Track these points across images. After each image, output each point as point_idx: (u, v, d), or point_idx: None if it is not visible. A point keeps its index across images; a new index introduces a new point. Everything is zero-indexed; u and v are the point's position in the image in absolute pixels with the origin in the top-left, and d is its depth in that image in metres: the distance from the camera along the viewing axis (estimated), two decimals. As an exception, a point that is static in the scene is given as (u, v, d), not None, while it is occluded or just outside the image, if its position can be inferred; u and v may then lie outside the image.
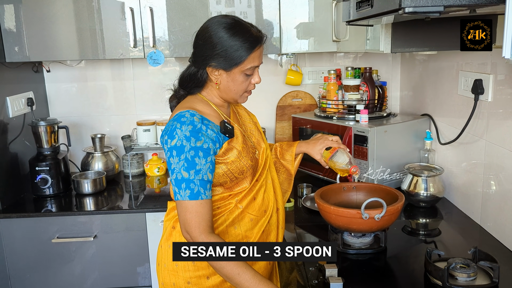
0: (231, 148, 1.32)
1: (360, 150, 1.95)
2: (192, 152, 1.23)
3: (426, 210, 1.84)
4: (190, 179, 1.23)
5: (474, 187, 1.69)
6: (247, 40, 1.28)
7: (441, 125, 1.97)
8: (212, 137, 1.28)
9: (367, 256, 1.46)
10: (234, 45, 1.28)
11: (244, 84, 1.34)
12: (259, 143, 1.46)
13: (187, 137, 1.24)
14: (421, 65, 2.21)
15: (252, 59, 1.31)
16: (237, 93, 1.36)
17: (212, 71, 1.32)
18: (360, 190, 1.63)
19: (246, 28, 1.31)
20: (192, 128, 1.25)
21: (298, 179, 2.33)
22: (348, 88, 2.14)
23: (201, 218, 1.22)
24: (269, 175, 1.47)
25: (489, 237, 1.56)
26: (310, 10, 2.19)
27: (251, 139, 1.44)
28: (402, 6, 0.91)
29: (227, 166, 1.31)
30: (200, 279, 1.34)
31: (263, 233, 1.40)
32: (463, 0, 0.89)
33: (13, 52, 2.11)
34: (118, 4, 2.11)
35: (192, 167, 1.23)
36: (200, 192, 1.23)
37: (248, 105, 2.60)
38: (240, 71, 1.31)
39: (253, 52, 1.30)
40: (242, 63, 1.29)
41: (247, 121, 1.51)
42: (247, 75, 1.33)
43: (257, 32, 1.33)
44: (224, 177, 1.32)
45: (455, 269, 1.24)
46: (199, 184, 1.23)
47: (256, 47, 1.30)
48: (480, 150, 1.63)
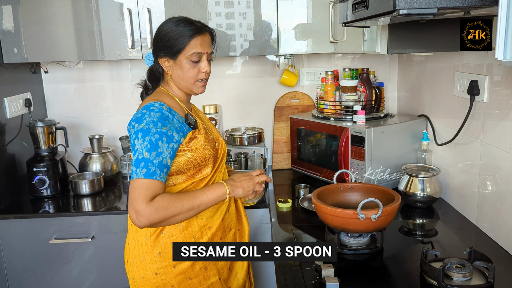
0: (195, 137, 1.42)
1: (357, 150, 1.95)
2: (157, 135, 1.32)
3: (422, 211, 1.84)
4: (150, 159, 1.30)
5: (470, 187, 1.70)
6: (189, 29, 1.42)
7: (437, 126, 1.98)
8: (177, 126, 1.37)
9: (364, 256, 1.46)
10: (177, 33, 1.41)
11: (192, 71, 1.45)
12: (217, 138, 1.57)
13: (155, 122, 1.33)
14: (418, 66, 2.21)
15: (194, 45, 1.42)
16: (188, 81, 1.46)
17: (163, 62, 1.45)
18: (356, 191, 1.63)
19: (191, 21, 1.45)
20: (160, 115, 1.35)
21: (295, 179, 2.34)
22: (346, 89, 2.15)
23: (149, 191, 1.27)
24: (225, 169, 1.59)
25: (485, 237, 1.57)
26: (308, 12, 2.20)
27: (211, 132, 1.55)
28: (396, 8, 0.92)
29: (191, 153, 1.41)
30: (167, 268, 1.41)
31: (223, 220, 1.50)
32: (456, 2, 0.90)
33: (11, 53, 2.12)
34: (116, 5, 2.12)
35: (154, 149, 1.31)
36: (156, 173, 1.30)
37: (246, 106, 2.61)
38: (185, 57, 1.42)
39: (194, 39, 1.41)
40: (184, 49, 1.41)
41: (206, 119, 1.63)
42: (193, 62, 1.43)
43: (201, 25, 1.46)
44: (188, 164, 1.41)
45: (451, 269, 1.24)
46: (157, 165, 1.30)
47: (197, 34, 1.42)
48: (476, 151, 1.64)
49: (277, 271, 1.41)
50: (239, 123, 2.63)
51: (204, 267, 1.44)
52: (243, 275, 1.59)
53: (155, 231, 1.42)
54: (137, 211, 1.26)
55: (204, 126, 1.52)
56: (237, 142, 2.42)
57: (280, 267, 1.41)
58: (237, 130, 2.56)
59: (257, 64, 2.58)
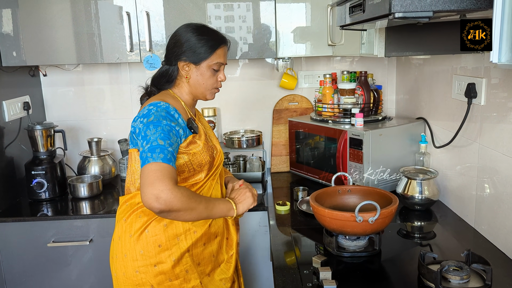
0: (194, 142, 1.43)
1: (355, 153, 1.96)
2: (167, 127, 1.33)
3: (421, 213, 1.85)
4: (165, 146, 1.29)
5: (468, 190, 1.70)
6: (213, 38, 1.47)
7: (435, 128, 1.98)
8: (182, 125, 1.40)
9: (362, 259, 1.46)
10: (203, 41, 1.45)
11: (212, 79, 1.49)
12: (216, 146, 1.57)
13: (163, 116, 1.35)
14: (416, 69, 2.22)
15: (218, 55, 1.48)
16: (206, 88, 1.50)
17: (183, 66, 1.47)
18: (354, 193, 1.64)
19: (212, 29, 1.51)
20: (167, 111, 1.37)
21: (294, 182, 2.34)
22: (344, 92, 2.15)
23: (172, 175, 1.26)
24: (219, 179, 1.59)
25: (483, 239, 1.57)
26: (306, 15, 2.21)
27: (210, 140, 1.56)
28: (392, 11, 0.93)
29: (189, 156, 1.41)
30: (148, 267, 1.41)
31: (210, 227, 1.50)
32: (451, 5, 0.90)
33: (10, 56, 2.12)
34: (115, 8, 2.13)
35: (167, 138, 1.31)
36: (171, 160, 1.29)
37: (245, 109, 2.62)
38: (208, 65, 1.47)
39: (219, 49, 1.47)
40: (209, 57, 1.46)
41: (208, 126, 1.65)
42: (214, 71, 1.49)
43: (222, 35, 1.51)
44: (183, 167, 1.42)
45: (448, 272, 1.24)
46: (172, 153, 1.30)
47: (222, 44, 1.49)
48: (474, 153, 1.64)
49: (275, 273, 1.41)
50: (238, 125, 2.64)
51: (185, 269, 1.44)
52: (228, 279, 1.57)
53: (139, 229, 1.42)
54: (161, 191, 1.21)
55: (205, 132, 1.53)
56: (236, 144, 2.42)
57: (278, 270, 1.42)
58: (236, 133, 2.56)
59: (256, 67, 2.59)
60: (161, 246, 1.41)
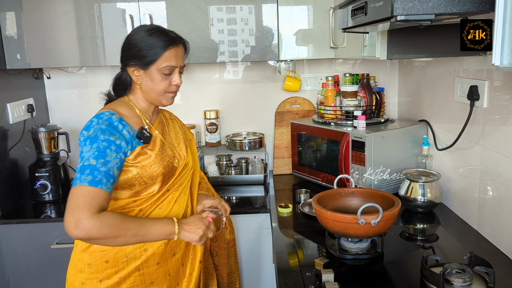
0: (144, 153, 1.36)
1: (357, 155, 1.96)
2: (105, 143, 1.27)
3: (423, 216, 1.84)
4: (97, 167, 1.24)
5: (471, 192, 1.70)
6: (162, 40, 1.36)
7: (438, 131, 1.98)
8: (126, 137, 1.33)
9: (364, 261, 1.46)
10: (150, 43, 1.36)
11: (163, 83, 1.39)
12: (180, 155, 1.50)
13: (103, 129, 1.29)
14: (418, 71, 2.22)
15: (167, 58, 1.37)
16: (158, 93, 1.41)
17: (133, 72, 1.40)
18: (357, 196, 1.64)
19: (164, 31, 1.40)
20: (109, 123, 1.31)
21: (296, 184, 2.35)
22: (346, 94, 2.16)
23: (95, 201, 1.20)
24: (188, 190, 1.51)
25: (485, 242, 1.57)
26: (308, 17, 2.22)
27: (172, 149, 1.48)
28: (394, 14, 0.93)
29: (137, 169, 1.35)
30: (93, 281, 1.37)
31: (166, 245, 1.41)
32: (453, 8, 0.90)
33: (14, 59, 2.13)
34: (119, 11, 2.14)
35: (102, 156, 1.25)
36: (101, 182, 1.23)
37: (247, 111, 2.62)
38: (157, 69, 1.37)
39: (167, 51, 1.37)
40: (157, 61, 1.36)
41: (174, 132, 1.56)
42: (165, 75, 1.39)
43: (175, 35, 1.41)
44: (133, 180, 1.36)
45: (451, 274, 1.24)
46: (103, 174, 1.24)
47: (171, 46, 1.37)
48: (476, 156, 1.64)
49: (277, 275, 1.42)
50: (240, 128, 2.64)
51: (131, 286, 1.38)
52: None
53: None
54: (79, 220, 1.18)
55: (163, 140, 1.46)
56: (238, 147, 2.43)
57: (281, 272, 1.42)
58: (238, 135, 2.57)
59: (258, 70, 2.60)
60: (109, 262, 1.36)
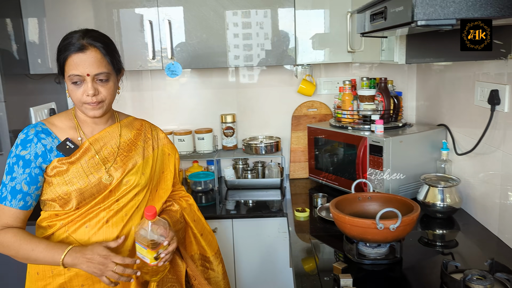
0: (60, 166, 1.29)
1: (375, 160, 1.95)
2: (14, 159, 1.29)
3: (442, 221, 1.82)
4: (5, 183, 1.28)
5: (491, 198, 1.67)
6: (65, 45, 1.26)
7: (457, 135, 1.96)
8: (40, 150, 1.29)
9: (382, 266, 1.45)
10: (59, 50, 1.28)
11: (75, 93, 1.27)
12: (117, 172, 1.34)
13: (17, 144, 1.30)
14: (437, 75, 2.20)
15: (70, 66, 1.25)
16: (77, 104, 1.31)
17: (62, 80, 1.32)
18: (375, 200, 1.63)
19: (76, 35, 1.26)
20: (24, 137, 1.30)
21: (313, 188, 2.34)
22: (363, 98, 2.15)
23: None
24: (129, 213, 1.36)
25: (506, 248, 1.54)
26: (325, 21, 2.22)
27: (106, 164, 1.35)
28: (414, 19, 0.93)
29: (54, 182, 1.29)
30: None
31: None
32: (475, 13, 0.90)
33: (37, 64, 2.19)
34: (137, 17, 2.17)
35: (9, 173, 1.28)
36: (6, 198, 1.27)
37: (264, 115, 2.63)
38: (67, 78, 1.27)
39: (70, 58, 1.24)
40: (64, 69, 1.27)
41: (128, 147, 1.40)
42: (74, 84, 1.26)
43: (80, 39, 1.25)
44: (51, 193, 1.30)
45: (472, 281, 1.23)
46: (9, 190, 1.27)
47: (74, 52, 1.24)
48: (497, 161, 1.62)
49: (295, 280, 1.42)
50: (256, 132, 2.65)
51: None
52: None
53: None
54: None
55: (95, 155, 1.34)
56: (254, 151, 2.44)
57: (298, 276, 1.42)
58: (255, 139, 2.58)
59: (275, 74, 2.61)
60: (39, 274, 1.34)
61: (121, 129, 1.43)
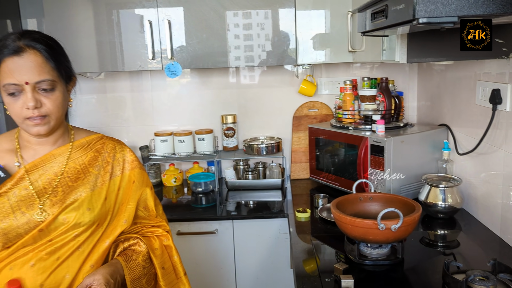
0: None
1: (376, 160, 1.94)
2: None
3: (444, 221, 1.81)
4: None
5: (493, 198, 1.66)
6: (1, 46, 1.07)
7: (459, 135, 1.95)
8: None
9: (384, 267, 1.44)
10: None
11: (14, 107, 1.07)
12: (53, 208, 1.12)
13: None
14: (438, 75, 2.19)
15: (5, 73, 1.05)
16: (17, 121, 1.10)
17: None
18: (376, 201, 1.62)
19: (6, 35, 1.09)
20: None
21: (314, 189, 2.33)
22: (364, 98, 2.14)
23: None
24: (63, 257, 1.12)
25: (509, 249, 1.53)
26: (326, 21, 2.21)
27: (42, 197, 1.13)
28: (416, 17, 0.92)
29: None
30: None
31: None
32: (477, 10, 0.89)
33: (36, 65, 2.18)
34: (137, 17, 2.17)
35: None
36: None
37: (265, 116, 2.62)
38: (1, 88, 1.07)
39: (2, 64, 1.06)
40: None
41: (61, 171, 1.17)
42: (11, 95, 1.06)
43: (16, 41, 1.07)
44: None
45: (474, 282, 1.21)
46: None
47: (8, 56, 1.05)
48: (499, 161, 1.60)
49: (296, 281, 1.41)
50: (257, 132, 2.64)
51: None
52: None
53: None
54: None
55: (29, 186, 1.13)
56: (255, 151, 2.43)
57: (299, 277, 1.41)
58: (256, 140, 2.57)
59: (275, 74, 2.60)
60: None
61: (71, 152, 1.20)
